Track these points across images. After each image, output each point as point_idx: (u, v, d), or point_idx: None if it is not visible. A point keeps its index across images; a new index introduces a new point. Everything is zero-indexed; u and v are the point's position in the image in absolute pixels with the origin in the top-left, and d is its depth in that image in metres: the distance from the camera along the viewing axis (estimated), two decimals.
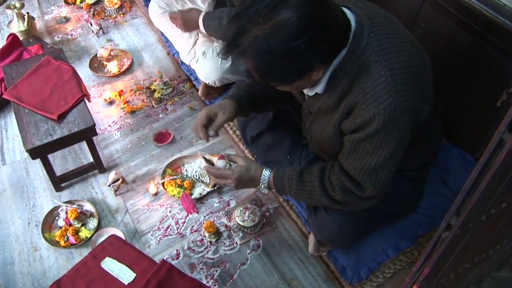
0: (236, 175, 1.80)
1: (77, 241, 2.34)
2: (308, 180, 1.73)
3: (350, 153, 1.60)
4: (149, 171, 2.66)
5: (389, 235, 2.07)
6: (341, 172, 1.65)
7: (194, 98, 3.07)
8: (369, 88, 1.45)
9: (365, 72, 1.46)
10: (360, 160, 1.58)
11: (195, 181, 2.55)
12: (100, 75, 3.24)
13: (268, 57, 1.37)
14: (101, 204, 2.53)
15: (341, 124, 1.59)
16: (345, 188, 1.65)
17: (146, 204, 2.50)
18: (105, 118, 2.97)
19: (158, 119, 2.95)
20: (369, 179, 1.60)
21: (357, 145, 1.56)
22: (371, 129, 1.48)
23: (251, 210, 2.36)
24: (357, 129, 1.52)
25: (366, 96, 1.46)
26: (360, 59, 1.47)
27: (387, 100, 1.43)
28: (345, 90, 1.52)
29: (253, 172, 1.82)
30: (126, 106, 3.02)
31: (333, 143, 1.69)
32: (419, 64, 1.51)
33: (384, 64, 1.44)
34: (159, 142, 2.80)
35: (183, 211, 2.44)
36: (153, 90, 3.10)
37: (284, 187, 1.79)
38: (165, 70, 3.28)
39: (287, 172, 1.78)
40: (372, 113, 1.45)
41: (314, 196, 1.73)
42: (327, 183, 1.69)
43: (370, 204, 1.71)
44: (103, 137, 2.87)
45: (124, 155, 2.76)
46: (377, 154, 1.54)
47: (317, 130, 1.75)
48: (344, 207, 1.73)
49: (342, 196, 1.67)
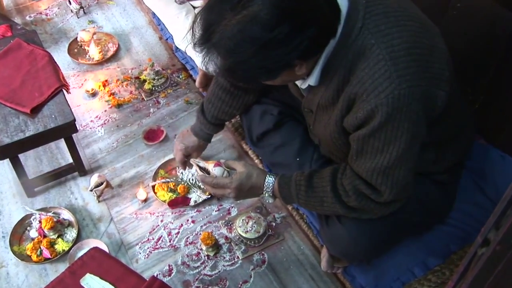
0: (235, 183, 1.81)
1: (52, 255, 2.33)
2: (318, 185, 1.73)
3: (358, 153, 1.60)
4: (137, 173, 2.66)
5: (415, 250, 2.05)
6: (353, 175, 1.66)
7: (190, 90, 3.07)
8: (367, 75, 1.46)
9: (362, 58, 1.47)
10: (370, 161, 1.58)
11: (191, 186, 2.56)
12: (81, 62, 3.23)
13: (237, 56, 1.39)
14: (81, 211, 2.52)
15: (343, 121, 1.60)
16: (359, 193, 1.65)
17: (134, 212, 2.50)
18: (86, 113, 2.97)
19: (148, 114, 2.95)
20: (384, 181, 1.60)
21: (364, 143, 1.56)
22: (376, 123, 1.48)
23: (255, 220, 2.37)
24: (361, 124, 1.53)
25: (365, 86, 1.47)
26: (355, 44, 1.48)
27: (389, 88, 1.44)
28: (342, 80, 1.54)
29: (255, 179, 1.83)
30: (112, 98, 3.02)
31: (338, 143, 1.70)
32: (428, 45, 1.51)
33: (382, 47, 1.45)
34: (149, 141, 2.80)
35: (177, 220, 2.45)
36: (142, 80, 3.10)
37: (291, 194, 1.79)
38: (156, 58, 3.27)
39: (293, 177, 1.78)
40: (374, 104, 1.46)
41: (326, 204, 1.73)
42: (340, 188, 1.69)
43: (390, 209, 1.70)
44: (85, 134, 2.86)
45: (109, 155, 2.76)
46: (388, 151, 1.54)
47: (320, 130, 1.77)
48: (361, 214, 1.73)
49: (357, 202, 1.67)
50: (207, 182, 1.84)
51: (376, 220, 1.74)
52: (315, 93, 1.66)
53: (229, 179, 1.82)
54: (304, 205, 1.80)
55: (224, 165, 1.87)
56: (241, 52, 1.37)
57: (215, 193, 1.87)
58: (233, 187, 1.81)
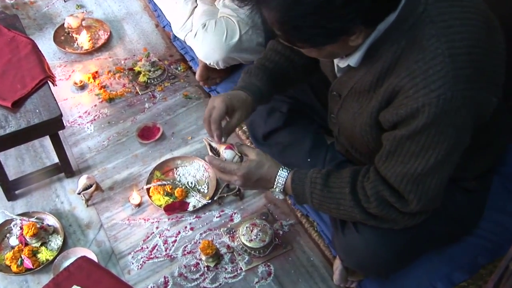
0: (243, 171, 1.79)
1: (34, 265, 2.32)
2: (336, 185, 1.72)
3: (389, 155, 1.59)
4: (131, 175, 2.67)
5: (439, 264, 2.06)
6: (378, 179, 1.64)
7: (189, 84, 3.08)
8: (420, 69, 1.44)
9: (417, 48, 1.45)
10: (402, 165, 1.57)
11: (190, 190, 2.56)
12: (68, 51, 3.23)
13: (297, 9, 1.37)
14: (67, 217, 2.52)
15: (379, 114, 1.58)
16: (382, 200, 1.64)
17: (126, 218, 2.50)
18: (74, 107, 2.97)
19: (143, 110, 2.96)
20: (413, 190, 1.58)
21: (399, 144, 1.55)
22: (418, 124, 1.46)
23: (260, 228, 2.36)
24: (399, 123, 1.51)
25: (415, 80, 1.44)
26: (412, 30, 1.46)
27: (442, 87, 1.41)
28: (387, 67, 1.52)
29: (266, 170, 1.81)
30: (102, 92, 3.02)
31: (366, 137, 1.69)
32: (488, 44, 1.49)
33: (443, 40, 1.43)
34: (144, 139, 2.80)
35: (174, 227, 2.45)
36: (137, 72, 3.10)
37: (304, 192, 1.78)
38: (152, 47, 3.28)
39: (309, 174, 1.77)
40: (421, 102, 1.43)
41: (342, 207, 1.72)
42: (360, 191, 1.68)
43: (414, 221, 1.69)
44: (72, 131, 2.86)
45: (99, 155, 2.76)
46: (424, 157, 1.52)
47: (346, 119, 1.75)
48: (381, 223, 1.72)
49: (378, 210, 1.66)
50: (214, 164, 1.83)
51: (397, 230, 1.74)
52: (351, 76, 1.65)
53: (237, 165, 1.80)
54: (317, 206, 1.78)
55: (237, 149, 1.86)
56: (304, 5, 1.36)
57: (221, 177, 1.86)
58: (240, 175, 1.79)
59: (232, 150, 1.85)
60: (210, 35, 2.71)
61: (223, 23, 2.67)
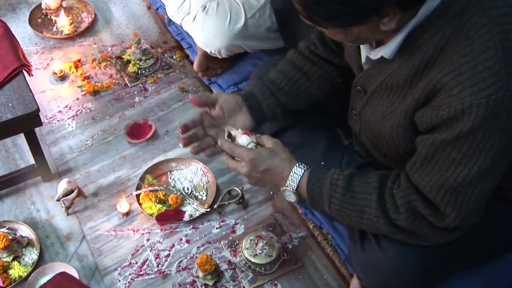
0: (251, 155, 1.81)
1: (5, 282, 2.32)
2: (361, 190, 1.73)
3: (425, 161, 1.59)
4: (118, 179, 2.68)
5: (473, 285, 2.04)
6: (410, 187, 1.64)
7: (186, 75, 3.10)
8: (467, 64, 1.44)
9: (463, 39, 1.45)
10: (440, 173, 1.57)
11: (186, 197, 2.56)
12: (46, 36, 3.26)
13: None
14: (44, 227, 2.52)
15: (415, 114, 1.58)
16: (414, 211, 1.64)
17: (112, 229, 2.51)
18: (54, 101, 2.99)
19: (133, 104, 2.97)
20: (451, 201, 1.58)
21: (437, 150, 1.55)
22: (464, 128, 1.46)
23: (267, 241, 2.37)
24: (440, 125, 1.51)
25: (461, 77, 1.44)
26: (460, 18, 1.46)
27: (493, 86, 1.41)
28: (427, 61, 1.52)
29: (278, 161, 1.83)
30: (86, 83, 3.04)
31: (397, 140, 1.69)
32: None
33: (495, 32, 1.43)
34: (134, 138, 2.81)
35: (167, 239, 2.46)
36: (126, 61, 3.12)
37: (322, 195, 1.78)
38: (144, 32, 3.31)
39: (329, 175, 1.78)
40: (468, 103, 1.43)
41: (366, 216, 1.72)
42: (389, 200, 1.68)
43: (448, 238, 1.69)
44: (51, 128, 2.87)
45: (82, 156, 2.77)
46: (467, 165, 1.52)
47: (373, 118, 1.76)
48: (409, 237, 1.71)
49: (408, 222, 1.65)
50: (225, 147, 1.87)
51: (426, 246, 1.73)
52: (382, 69, 1.66)
53: (247, 150, 1.83)
54: (335, 212, 1.78)
55: (254, 137, 1.90)
56: None
57: (228, 164, 1.89)
58: (248, 160, 1.81)
59: (248, 136, 1.89)
60: (211, 19, 2.70)
61: (226, 5, 2.68)
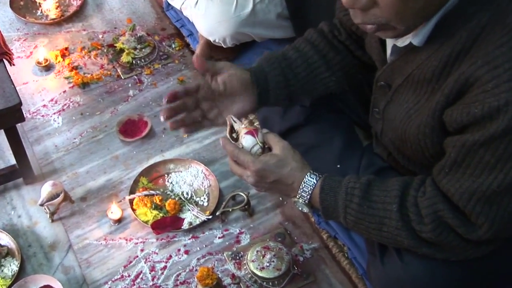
0: (258, 166, 1.80)
1: None
2: (379, 199, 1.72)
3: (455, 165, 1.58)
4: (109, 182, 2.68)
5: None
6: (437, 195, 1.63)
7: (186, 66, 3.12)
8: (505, 56, 1.43)
9: (500, 28, 1.46)
10: (472, 179, 1.55)
11: (185, 202, 2.56)
12: (30, 20, 3.29)
13: None
14: (26, 235, 2.52)
15: (444, 112, 1.57)
16: (441, 222, 1.63)
17: (102, 237, 2.50)
18: (38, 94, 3.01)
19: (126, 98, 2.99)
20: (484, 211, 1.56)
21: (468, 153, 1.53)
22: (498, 128, 1.45)
23: (275, 252, 2.36)
24: (472, 124, 1.50)
25: (497, 70, 1.43)
26: (498, 3, 1.47)
27: None
28: (460, 50, 1.52)
29: (288, 172, 1.82)
30: (74, 74, 3.05)
31: (423, 142, 1.68)
32: None
33: None
34: (127, 136, 2.82)
35: (164, 249, 2.46)
36: (119, 50, 3.14)
37: (336, 206, 1.78)
38: (139, 18, 3.35)
39: (344, 183, 1.78)
40: (504, 99, 1.42)
41: (386, 228, 1.72)
42: (412, 210, 1.67)
43: (480, 253, 1.69)
44: (34, 124, 2.89)
45: (69, 156, 2.77)
46: (502, 171, 1.51)
47: (398, 116, 1.75)
48: (435, 252, 1.71)
49: (434, 234, 1.64)
50: (228, 150, 1.86)
51: (454, 261, 1.72)
52: (409, 60, 1.65)
53: (253, 158, 1.81)
54: (352, 224, 1.78)
55: (261, 136, 1.88)
56: None
57: (232, 169, 1.89)
58: (254, 170, 1.81)
59: (253, 137, 1.86)
60: (215, 4, 2.72)
61: None
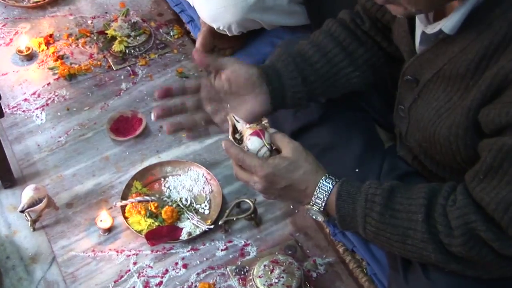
0: (267, 170, 1.78)
1: None
2: (403, 208, 1.71)
3: (490, 172, 1.56)
4: (98, 187, 2.68)
5: None
6: (469, 204, 1.61)
7: (186, 56, 3.15)
8: None
9: None
10: (510, 187, 1.53)
11: (183, 210, 2.55)
12: (9, 3, 3.34)
13: None
14: (4, 245, 2.52)
15: (480, 111, 1.56)
16: (473, 235, 1.60)
17: (91, 248, 2.50)
18: (18, 86, 3.04)
19: (118, 92, 3.01)
20: None
21: (506, 158, 1.51)
22: None
23: (285, 267, 2.34)
24: (510, 126, 1.49)
25: None
26: None
27: None
28: (499, 42, 1.50)
29: (301, 176, 1.80)
30: (59, 65, 3.07)
31: (455, 144, 1.68)
32: None
33: None
34: (119, 135, 2.83)
35: (160, 262, 2.45)
36: (110, 37, 3.16)
37: (355, 215, 1.77)
38: (133, 1, 3.41)
39: (364, 189, 1.76)
40: None
41: (410, 241, 1.70)
42: (440, 220, 1.65)
43: None
44: (14, 120, 2.91)
45: (53, 156, 2.78)
46: None
47: (426, 116, 1.75)
48: (466, 268, 1.68)
49: (465, 249, 1.61)
50: (232, 154, 1.84)
51: (488, 280, 1.71)
52: (441, 53, 1.64)
53: (260, 162, 1.79)
54: (372, 236, 1.77)
55: (268, 137, 1.86)
56: None
57: (237, 175, 1.87)
58: (262, 175, 1.78)
59: (259, 138, 1.83)
60: None
61: None
